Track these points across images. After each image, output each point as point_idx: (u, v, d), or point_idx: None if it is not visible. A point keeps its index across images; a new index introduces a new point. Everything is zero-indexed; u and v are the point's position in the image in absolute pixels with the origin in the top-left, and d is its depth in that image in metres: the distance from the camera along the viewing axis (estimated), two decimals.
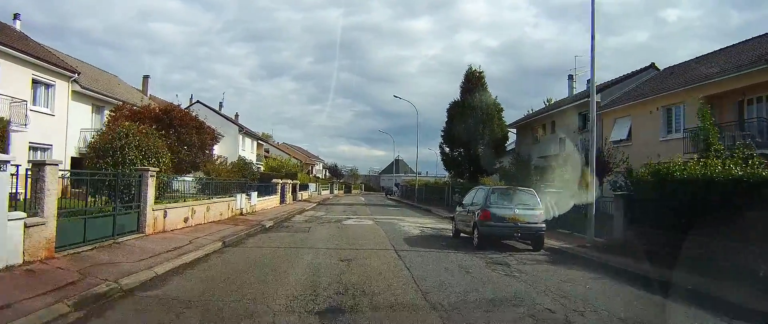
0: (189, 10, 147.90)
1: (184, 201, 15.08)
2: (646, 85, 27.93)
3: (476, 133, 34.00)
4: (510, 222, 12.28)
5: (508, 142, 38.52)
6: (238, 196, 19.99)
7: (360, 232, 15.62)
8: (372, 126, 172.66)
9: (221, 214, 17.67)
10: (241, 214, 20.16)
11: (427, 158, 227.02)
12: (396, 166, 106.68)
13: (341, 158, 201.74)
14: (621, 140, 25.59)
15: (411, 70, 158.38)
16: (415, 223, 19.79)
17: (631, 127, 26.50)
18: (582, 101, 30.56)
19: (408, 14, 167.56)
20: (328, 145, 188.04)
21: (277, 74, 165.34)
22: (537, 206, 12.75)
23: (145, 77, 40.86)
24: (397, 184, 77.80)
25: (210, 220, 16.33)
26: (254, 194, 22.81)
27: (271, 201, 27.10)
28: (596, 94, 29.98)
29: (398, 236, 14.56)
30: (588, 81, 38.35)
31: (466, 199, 14.37)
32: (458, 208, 14.80)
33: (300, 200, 37.99)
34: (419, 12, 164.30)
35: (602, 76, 38.77)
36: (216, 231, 13.79)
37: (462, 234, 14.27)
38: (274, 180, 29.50)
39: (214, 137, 26.25)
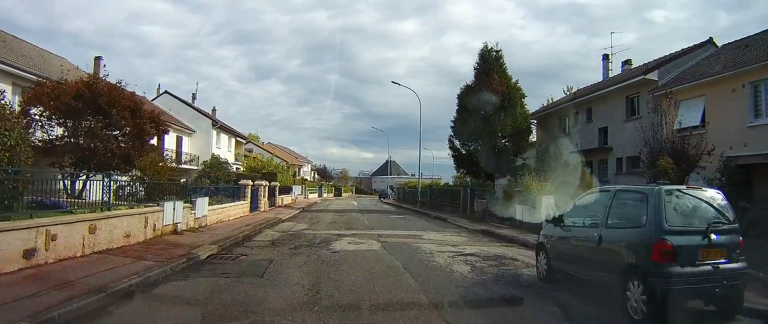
0: (178, 12, 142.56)
1: (31, 218, 7.94)
2: (714, 60, 22.19)
3: (496, 122, 27.42)
4: (706, 263, 5.48)
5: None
6: (169, 204, 12.89)
7: (364, 271, 8.59)
8: (361, 128, 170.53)
9: (128, 236, 10.58)
10: (175, 231, 13.10)
11: (417, 160, 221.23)
12: (389, 167, 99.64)
13: (331, 161, 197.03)
14: (688, 127, 19.48)
15: (398, 71, 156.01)
16: (443, 244, 12.84)
17: (704, 110, 20.32)
18: (630, 82, 24.32)
19: (395, 16, 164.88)
20: (317, 147, 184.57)
21: (266, 76, 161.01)
22: (732, 225, 5.98)
23: (97, 58, 33.90)
24: (390, 187, 71.12)
25: (99, 249, 9.29)
26: (203, 201, 15.71)
27: (236, 209, 20.04)
28: (651, 71, 23.80)
29: (438, 280, 7.72)
30: (624, 63, 32.19)
31: (575, 213, 7.46)
32: (550, 227, 7.84)
33: (279, 206, 30.91)
34: (406, 14, 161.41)
35: (587, 78, 32.75)
36: (66, 284, 6.71)
37: (555, 272, 7.42)
38: (241, 181, 22.41)
39: (159, 123, 19.42)
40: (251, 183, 22.33)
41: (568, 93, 41.07)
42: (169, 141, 35.47)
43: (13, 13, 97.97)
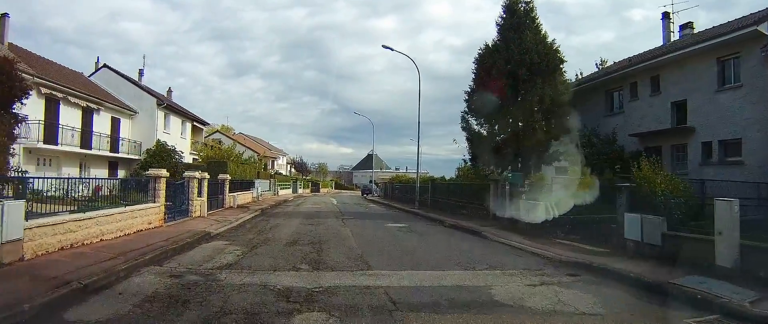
0: (157, 9, 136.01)
1: None
2: None
3: (532, 93, 19.70)
4: None
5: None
6: None
7: None
8: (340, 124, 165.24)
9: None
10: None
11: (399, 155, 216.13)
12: (372, 161, 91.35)
13: (309, 156, 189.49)
14: None
15: (376, 68, 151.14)
16: None
17: None
18: (729, 37, 16.96)
19: (373, 14, 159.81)
20: (296, 143, 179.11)
21: (244, 72, 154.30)
22: None
23: (2, 15, 26.22)
24: (374, 183, 63.08)
25: None
26: (9, 209, 7.20)
27: (133, 218, 11.62)
28: (763, 21, 16.11)
29: None
30: (682, 27, 24.55)
31: None
32: None
33: (229, 208, 22.38)
34: (384, 12, 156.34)
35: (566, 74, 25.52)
36: None
37: None
38: (150, 171, 13.85)
39: (12, 76, 11.53)
40: (166, 174, 13.82)
41: (601, 67, 33.30)
42: (102, 124, 27.38)
43: None
